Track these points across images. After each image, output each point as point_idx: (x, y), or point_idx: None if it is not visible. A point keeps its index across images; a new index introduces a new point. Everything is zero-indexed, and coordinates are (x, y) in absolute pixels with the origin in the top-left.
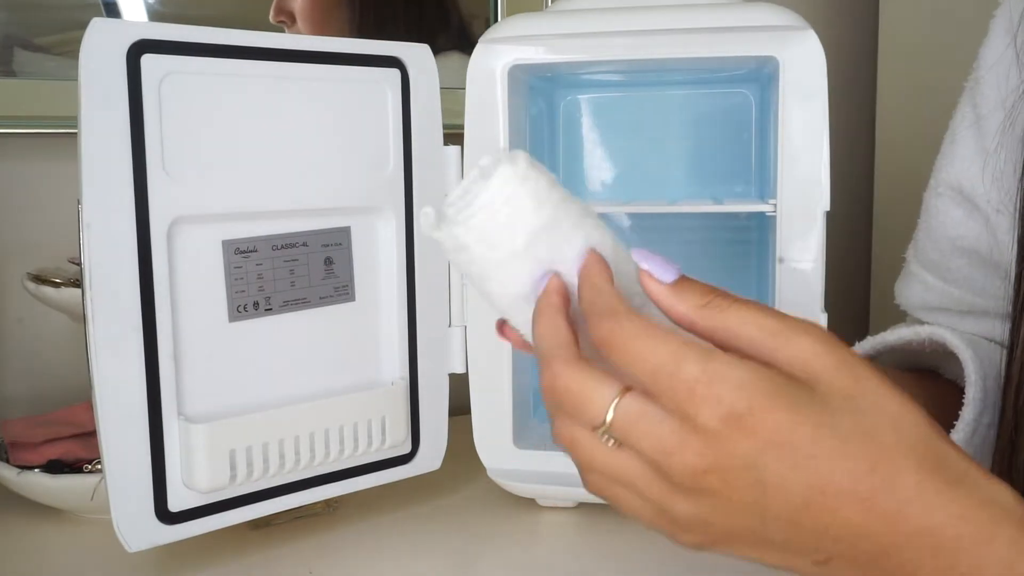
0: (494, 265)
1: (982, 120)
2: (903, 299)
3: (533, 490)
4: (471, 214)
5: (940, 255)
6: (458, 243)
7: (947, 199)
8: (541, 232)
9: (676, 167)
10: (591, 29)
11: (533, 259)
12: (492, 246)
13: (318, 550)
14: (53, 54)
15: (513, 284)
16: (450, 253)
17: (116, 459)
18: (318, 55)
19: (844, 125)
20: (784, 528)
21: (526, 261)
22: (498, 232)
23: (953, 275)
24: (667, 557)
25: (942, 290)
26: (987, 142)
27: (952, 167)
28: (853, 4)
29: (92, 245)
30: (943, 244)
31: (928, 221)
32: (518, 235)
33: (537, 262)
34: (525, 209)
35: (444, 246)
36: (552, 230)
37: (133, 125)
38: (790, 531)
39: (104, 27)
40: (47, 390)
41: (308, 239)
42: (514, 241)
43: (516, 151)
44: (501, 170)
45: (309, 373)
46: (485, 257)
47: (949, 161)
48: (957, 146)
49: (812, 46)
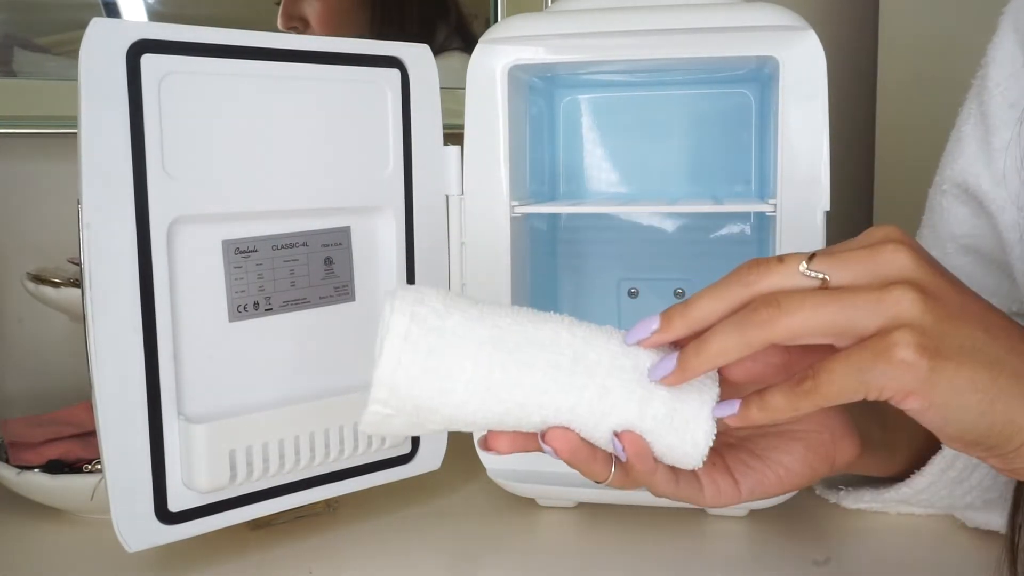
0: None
1: (988, 118)
2: None
3: (533, 490)
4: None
5: (943, 253)
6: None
7: (952, 197)
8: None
9: (676, 167)
10: (591, 29)
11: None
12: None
13: (318, 550)
14: (53, 54)
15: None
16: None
17: (116, 459)
18: (318, 55)
19: (844, 125)
20: (974, 321)
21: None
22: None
23: (957, 273)
24: (667, 557)
25: None
26: (993, 140)
27: (957, 164)
28: (853, 4)
29: (92, 245)
30: (947, 242)
31: (932, 219)
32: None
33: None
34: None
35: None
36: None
37: (133, 125)
38: (1005, 351)
39: (104, 27)
40: (47, 390)
41: (308, 239)
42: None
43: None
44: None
45: (309, 373)
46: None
47: (954, 159)
48: (963, 144)
49: (812, 46)
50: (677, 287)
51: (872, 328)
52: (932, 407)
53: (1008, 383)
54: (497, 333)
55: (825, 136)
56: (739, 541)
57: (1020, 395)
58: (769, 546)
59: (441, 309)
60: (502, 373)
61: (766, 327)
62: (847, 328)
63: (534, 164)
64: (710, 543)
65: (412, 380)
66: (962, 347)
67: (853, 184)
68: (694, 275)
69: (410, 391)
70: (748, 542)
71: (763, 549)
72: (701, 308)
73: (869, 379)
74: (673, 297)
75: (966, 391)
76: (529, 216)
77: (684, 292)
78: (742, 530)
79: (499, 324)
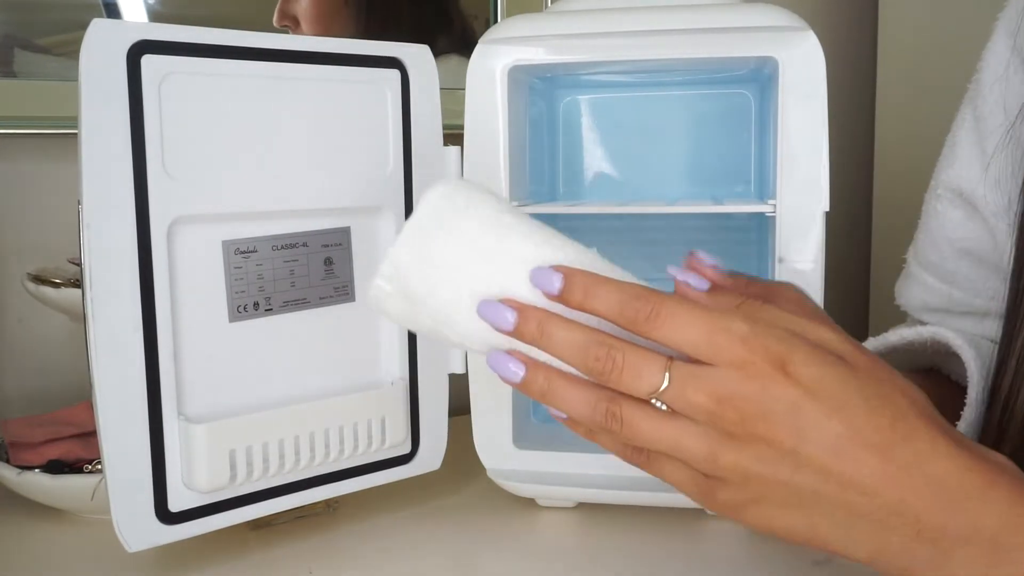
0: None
1: (982, 123)
2: (904, 300)
3: (533, 490)
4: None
5: (940, 257)
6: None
7: (947, 201)
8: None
9: (676, 167)
10: (591, 29)
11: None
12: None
13: (318, 550)
14: (53, 54)
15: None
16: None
17: (116, 459)
18: (318, 56)
19: (844, 125)
20: (814, 478)
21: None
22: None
23: (953, 276)
24: (667, 557)
25: (942, 291)
26: (987, 145)
27: (952, 169)
28: (853, 4)
29: (92, 245)
30: (943, 245)
31: (928, 223)
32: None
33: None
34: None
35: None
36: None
37: (133, 125)
38: (819, 481)
39: (104, 28)
40: (47, 390)
41: (308, 239)
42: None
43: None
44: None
45: (309, 373)
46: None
47: (949, 163)
48: (957, 149)
49: (811, 46)
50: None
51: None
52: (753, 529)
53: (834, 531)
54: (496, 245)
55: (824, 136)
56: (739, 541)
57: (847, 542)
58: (769, 546)
59: (462, 207)
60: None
61: (607, 435)
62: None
63: (534, 164)
64: (710, 543)
65: (410, 264)
66: (781, 502)
67: (852, 184)
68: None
69: (407, 272)
70: (748, 542)
71: (763, 549)
72: (598, 304)
73: (691, 495)
74: None
75: (781, 533)
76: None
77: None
78: (742, 530)
79: (507, 238)
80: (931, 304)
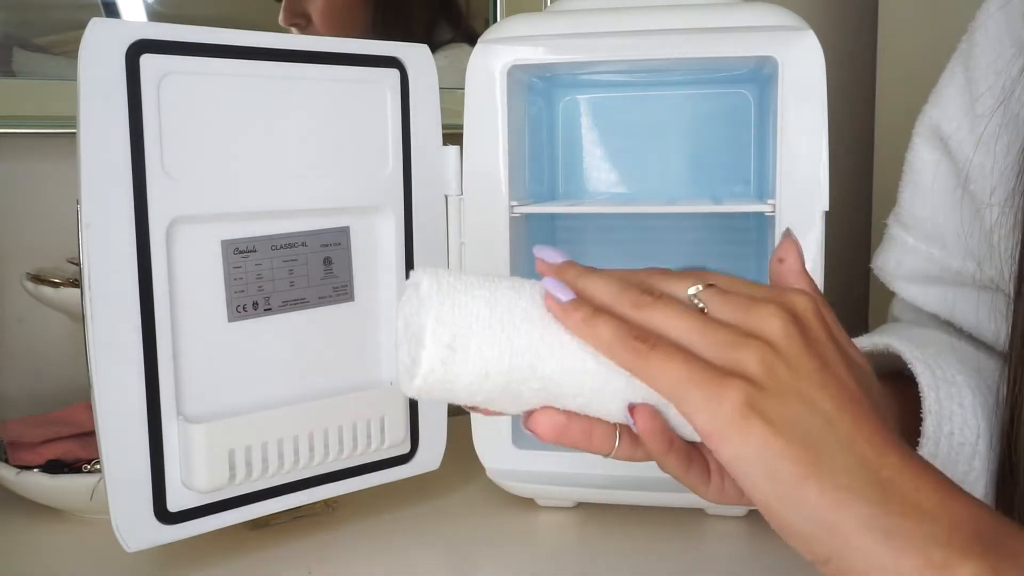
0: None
1: (974, 84)
2: (879, 263)
3: (532, 490)
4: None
5: (925, 209)
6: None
7: (922, 139)
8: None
9: (675, 167)
10: (591, 29)
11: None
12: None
13: (317, 550)
14: (53, 54)
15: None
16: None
17: (115, 459)
18: (317, 55)
19: (843, 125)
20: (831, 401)
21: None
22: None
23: (936, 230)
24: (667, 557)
25: (921, 252)
26: (977, 106)
27: (936, 111)
28: (853, 4)
29: (91, 245)
30: (926, 196)
31: (912, 176)
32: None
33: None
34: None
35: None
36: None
37: (132, 125)
38: (835, 410)
39: (103, 27)
40: (47, 390)
41: (307, 239)
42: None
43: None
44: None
45: (309, 373)
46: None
47: (938, 111)
48: (944, 104)
49: (811, 46)
50: None
51: (719, 364)
52: (734, 460)
53: (838, 474)
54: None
55: (824, 136)
56: (739, 541)
57: (848, 491)
58: (769, 546)
59: (447, 290)
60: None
61: (634, 363)
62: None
63: (533, 164)
64: (710, 543)
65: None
66: (792, 420)
67: (852, 184)
68: None
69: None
70: (748, 542)
71: (763, 549)
72: (593, 292)
73: (687, 395)
74: None
75: (775, 459)
76: (528, 216)
77: None
78: (742, 530)
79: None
80: (906, 266)
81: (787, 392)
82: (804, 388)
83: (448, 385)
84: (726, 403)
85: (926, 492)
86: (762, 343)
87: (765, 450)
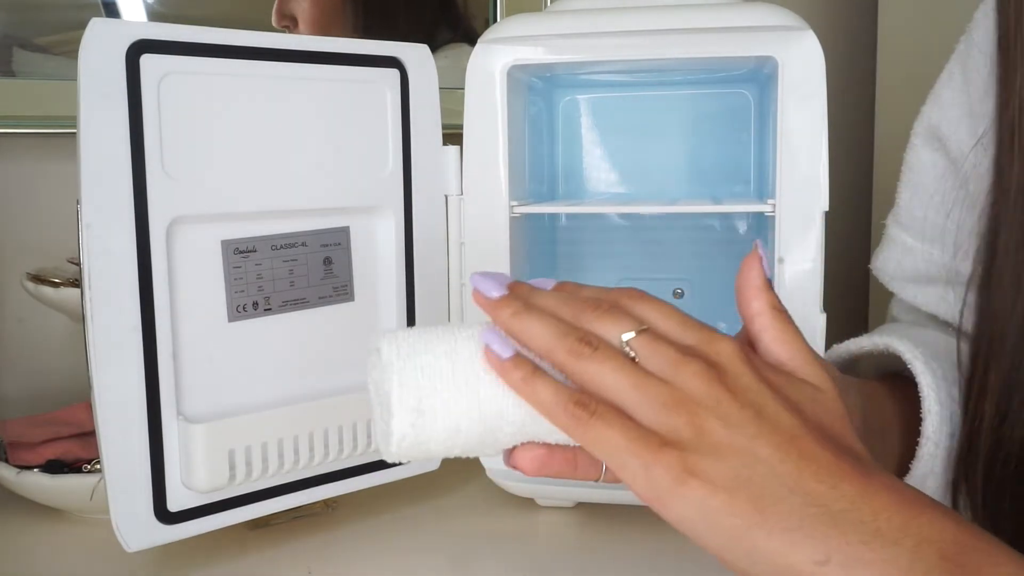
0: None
1: (972, 85)
2: (878, 263)
3: (532, 490)
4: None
5: (924, 210)
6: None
7: (921, 139)
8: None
9: (675, 167)
10: (591, 29)
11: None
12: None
13: (317, 550)
14: (53, 54)
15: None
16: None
17: (115, 459)
18: (317, 55)
19: (843, 125)
20: (771, 451)
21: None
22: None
23: (934, 230)
24: (666, 557)
25: (920, 252)
26: (977, 107)
27: (935, 112)
28: (853, 4)
29: (91, 245)
30: (925, 197)
31: (911, 177)
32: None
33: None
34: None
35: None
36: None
37: (132, 125)
38: (776, 457)
39: (103, 27)
40: (47, 390)
41: (307, 239)
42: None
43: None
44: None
45: (309, 373)
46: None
47: (936, 112)
48: (942, 103)
49: (811, 46)
50: (676, 287)
51: (655, 429)
52: (679, 522)
53: (786, 518)
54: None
55: (824, 136)
56: None
57: (800, 531)
58: None
59: (406, 354)
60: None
61: (574, 430)
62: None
63: (533, 164)
64: None
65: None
66: (731, 474)
67: (852, 184)
68: (693, 275)
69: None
70: None
71: None
72: (530, 338)
73: (625, 463)
74: (672, 297)
75: (717, 515)
76: (528, 216)
77: (683, 292)
78: None
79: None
80: (905, 267)
81: (722, 449)
82: (739, 441)
83: (423, 446)
84: (662, 469)
85: (886, 516)
86: (692, 404)
87: (705, 508)
